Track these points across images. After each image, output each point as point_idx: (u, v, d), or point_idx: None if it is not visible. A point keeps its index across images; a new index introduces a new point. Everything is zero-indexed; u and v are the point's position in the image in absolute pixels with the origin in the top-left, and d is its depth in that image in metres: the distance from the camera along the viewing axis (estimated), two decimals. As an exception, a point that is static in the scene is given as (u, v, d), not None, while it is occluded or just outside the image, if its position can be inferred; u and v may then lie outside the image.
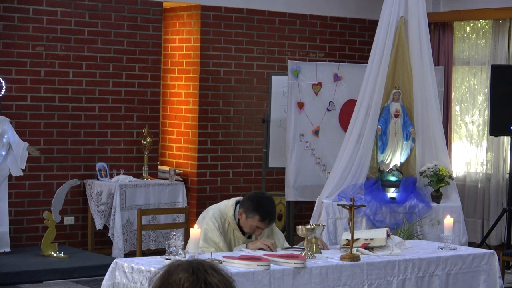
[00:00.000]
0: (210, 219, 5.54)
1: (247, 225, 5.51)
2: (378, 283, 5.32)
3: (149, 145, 9.99)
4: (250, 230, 5.53)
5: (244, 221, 5.52)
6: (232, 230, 5.60)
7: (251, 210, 5.45)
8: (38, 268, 8.43)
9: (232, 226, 5.58)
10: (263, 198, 5.58)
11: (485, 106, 10.73)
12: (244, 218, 5.50)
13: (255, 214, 5.44)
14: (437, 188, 7.84)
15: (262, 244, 5.37)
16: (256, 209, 5.45)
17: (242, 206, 5.53)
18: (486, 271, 5.81)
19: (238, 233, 5.59)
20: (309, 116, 9.58)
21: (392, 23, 7.97)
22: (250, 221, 5.47)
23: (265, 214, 5.46)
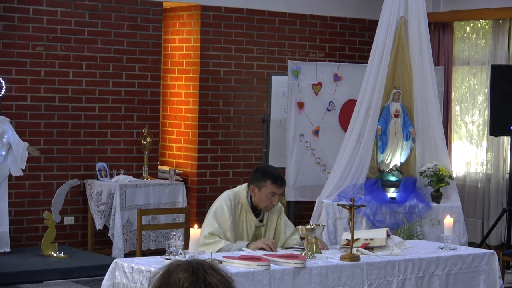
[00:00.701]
0: (223, 199, 5.62)
1: (263, 197, 5.56)
2: (378, 283, 5.32)
3: (149, 145, 9.99)
4: (267, 201, 5.57)
5: (258, 196, 5.57)
6: (245, 212, 5.64)
7: (260, 179, 5.55)
8: (38, 268, 8.42)
9: (245, 208, 5.63)
10: (267, 166, 5.88)
11: (485, 106, 10.73)
12: (257, 192, 5.57)
13: (266, 180, 5.54)
14: (437, 188, 7.84)
15: (262, 243, 5.37)
16: (266, 176, 5.56)
17: (251, 183, 5.61)
18: (486, 271, 5.81)
19: (250, 215, 5.64)
20: (309, 116, 9.58)
21: (392, 23, 7.97)
22: (264, 191, 5.54)
23: (275, 177, 5.59)
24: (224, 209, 5.57)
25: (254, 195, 5.60)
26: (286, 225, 5.82)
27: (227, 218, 5.56)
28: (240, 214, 5.64)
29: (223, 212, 5.57)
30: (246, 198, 5.63)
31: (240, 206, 5.64)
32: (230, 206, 5.58)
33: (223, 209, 5.57)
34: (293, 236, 5.81)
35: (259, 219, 5.69)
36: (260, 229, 5.70)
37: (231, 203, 5.60)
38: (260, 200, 5.59)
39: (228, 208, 5.57)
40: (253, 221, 5.65)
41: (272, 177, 5.57)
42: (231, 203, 5.60)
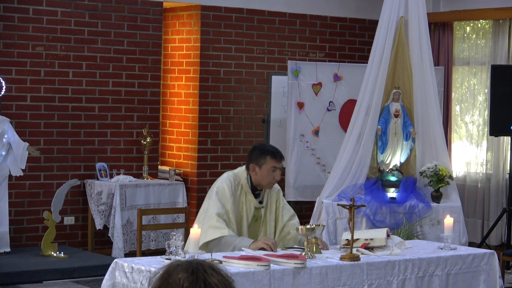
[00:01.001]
0: (224, 180, 5.63)
1: (264, 174, 5.59)
2: (378, 283, 5.32)
3: (149, 145, 9.99)
4: (269, 177, 5.59)
5: (260, 174, 5.60)
6: (245, 194, 5.66)
7: (259, 156, 5.60)
8: (38, 268, 8.42)
9: (245, 189, 5.65)
10: (263, 144, 5.84)
11: (485, 106, 10.73)
12: (258, 169, 5.60)
13: (266, 156, 5.60)
14: (437, 188, 7.84)
15: (263, 243, 5.37)
16: (264, 152, 5.62)
17: (251, 162, 5.64)
18: (486, 271, 5.81)
19: (250, 197, 5.66)
20: (309, 116, 9.59)
21: (392, 23, 7.97)
22: (265, 167, 5.58)
23: (274, 152, 5.66)
24: (225, 190, 5.58)
25: (255, 173, 5.62)
26: (285, 209, 5.84)
27: (228, 198, 5.56)
28: (240, 195, 5.65)
29: (224, 193, 5.57)
30: (246, 179, 5.65)
31: (240, 187, 5.66)
32: (231, 187, 5.60)
33: (224, 190, 5.58)
34: (291, 221, 5.82)
35: (259, 200, 5.71)
36: (259, 210, 5.71)
37: (231, 184, 5.61)
38: (262, 177, 5.62)
39: (229, 189, 5.58)
40: (252, 202, 5.67)
41: (271, 153, 5.64)
42: (231, 184, 5.61)
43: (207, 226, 5.48)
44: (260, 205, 5.71)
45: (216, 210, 5.51)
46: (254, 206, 5.68)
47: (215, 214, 5.49)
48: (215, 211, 5.51)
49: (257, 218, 5.71)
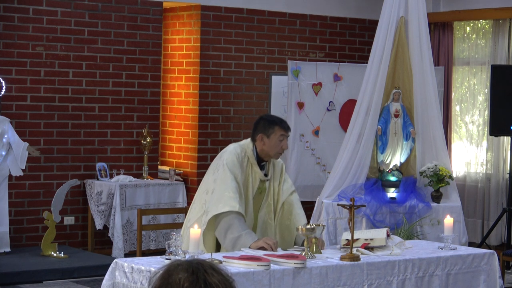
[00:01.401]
0: (231, 152, 5.61)
1: (272, 144, 5.60)
2: (378, 283, 5.32)
3: (149, 145, 9.99)
4: (277, 146, 5.60)
5: (268, 143, 5.60)
6: (251, 166, 5.65)
7: (267, 126, 5.62)
8: (38, 268, 8.42)
9: (251, 161, 5.64)
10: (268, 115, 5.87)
11: (485, 106, 10.73)
12: (266, 139, 5.60)
13: (274, 126, 5.61)
14: (437, 188, 7.84)
15: (263, 242, 5.37)
16: (272, 122, 5.64)
17: (259, 132, 5.63)
18: (486, 271, 5.81)
19: (256, 168, 5.65)
20: (309, 116, 9.59)
21: (392, 23, 7.97)
22: (274, 136, 5.59)
23: (281, 121, 5.70)
24: (235, 161, 5.56)
25: (264, 143, 5.62)
26: (286, 183, 5.85)
27: (238, 169, 5.55)
28: (247, 167, 5.65)
29: (234, 164, 5.55)
30: (252, 151, 5.65)
31: (247, 159, 5.65)
32: (239, 158, 5.59)
33: (234, 161, 5.56)
34: (290, 196, 5.84)
35: (264, 173, 5.71)
36: (264, 183, 5.70)
37: (239, 156, 5.60)
38: (270, 147, 5.62)
39: (238, 160, 5.58)
40: (258, 174, 5.66)
41: (279, 122, 5.67)
42: (239, 156, 5.60)
43: (220, 196, 5.43)
44: (265, 178, 5.70)
45: (231, 182, 5.48)
46: (260, 178, 5.67)
47: (231, 186, 5.45)
48: (230, 183, 5.48)
49: (262, 191, 5.70)
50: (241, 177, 5.57)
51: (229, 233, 5.41)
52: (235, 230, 5.40)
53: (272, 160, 5.77)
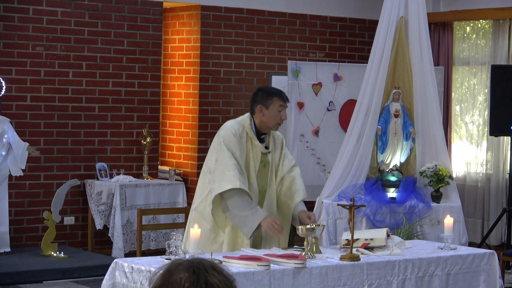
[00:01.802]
0: (228, 129, 5.61)
1: (272, 115, 5.61)
2: (378, 283, 5.32)
3: (149, 145, 9.99)
4: (276, 117, 5.61)
5: (267, 115, 5.61)
6: (250, 140, 5.65)
7: (266, 97, 5.63)
8: (38, 268, 8.43)
9: (250, 135, 5.64)
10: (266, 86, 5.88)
11: (485, 106, 10.73)
12: (265, 110, 5.61)
13: (273, 97, 5.63)
14: (437, 188, 7.84)
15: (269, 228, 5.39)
16: (270, 93, 5.67)
17: (257, 103, 5.64)
18: (486, 271, 5.81)
19: (256, 142, 5.65)
20: (309, 116, 9.59)
21: (392, 23, 7.97)
22: (272, 107, 5.60)
23: (279, 92, 5.73)
24: (232, 137, 5.56)
25: (263, 115, 5.62)
26: (286, 158, 5.85)
27: (235, 145, 5.55)
28: (246, 142, 5.64)
29: (231, 140, 5.55)
30: (249, 125, 5.65)
31: (245, 134, 5.65)
32: (236, 134, 5.59)
33: (231, 137, 5.56)
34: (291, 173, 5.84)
35: (265, 145, 5.71)
36: (266, 156, 5.69)
37: (236, 131, 5.59)
38: (269, 118, 5.63)
39: (235, 136, 5.57)
40: (259, 148, 5.66)
41: (277, 93, 5.69)
42: (236, 131, 5.59)
43: (221, 175, 5.45)
44: (266, 150, 5.69)
45: (229, 159, 5.49)
46: (261, 151, 5.66)
47: (230, 164, 5.46)
48: (229, 160, 5.49)
49: (265, 164, 5.70)
50: (240, 152, 5.56)
51: (236, 212, 5.44)
52: (241, 209, 5.43)
53: (272, 133, 5.78)
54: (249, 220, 5.40)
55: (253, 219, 5.41)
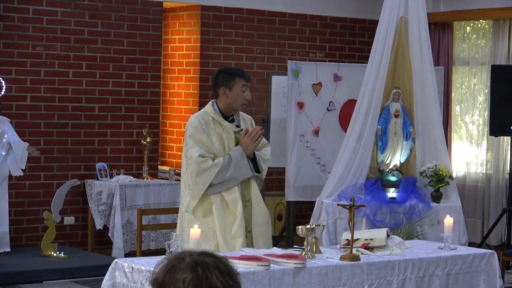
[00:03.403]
0: (192, 122, 5.68)
1: (235, 95, 5.65)
2: (378, 283, 5.32)
3: (149, 145, 9.99)
4: (240, 97, 5.66)
5: (231, 96, 5.65)
6: (219, 124, 5.70)
7: (228, 78, 5.67)
8: (38, 268, 8.43)
9: (217, 119, 5.70)
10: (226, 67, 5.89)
11: (485, 106, 10.73)
12: (229, 92, 5.65)
13: (235, 77, 5.67)
14: (437, 188, 7.84)
15: (246, 139, 5.57)
16: (232, 74, 5.71)
17: (220, 85, 5.68)
18: (486, 271, 5.81)
19: (225, 123, 5.70)
20: (309, 116, 9.58)
21: (392, 23, 7.96)
22: (235, 88, 5.65)
23: (240, 71, 5.76)
24: (196, 128, 5.63)
25: (227, 97, 5.66)
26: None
27: (201, 133, 5.62)
28: (215, 126, 5.70)
29: (196, 131, 5.62)
30: (213, 110, 5.70)
31: (212, 119, 5.70)
32: (201, 123, 5.64)
33: (195, 128, 5.63)
34: (262, 149, 5.88)
35: (236, 124, 5.76)
36: (239, 134, 5.76)
37: (200, 121, 5.65)
38: (234, 99, 5.67)
39: (200, 125, 5.63)
40: (230, 128, 5.73)
41: (238, 73, 5.72)
42: (200, 121, 5.65)
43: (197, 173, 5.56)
44: (238, 129, 5.75)
45: (197, 153, 5.59)
46: (233, 130, 5.73)
47: (197, 156, 5.57)
48: (196, 153, 5.59)
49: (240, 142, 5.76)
50: (209, 137, 5.63)
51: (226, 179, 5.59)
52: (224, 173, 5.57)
53: (241, 114, 5.83)
54: (234, 164, 5.58)
55: (236, 159, 5.59)
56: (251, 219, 5.75)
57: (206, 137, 5.61)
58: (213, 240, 5.61)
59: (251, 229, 5.74)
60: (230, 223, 5.63)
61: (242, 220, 5.63)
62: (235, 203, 5.63)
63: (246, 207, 5.74)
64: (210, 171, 5.57)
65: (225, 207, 5.65)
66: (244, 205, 5.72)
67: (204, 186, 5.58)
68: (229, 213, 5.65)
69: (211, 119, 5.68)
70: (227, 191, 5.64)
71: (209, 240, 5.61)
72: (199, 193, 5.60)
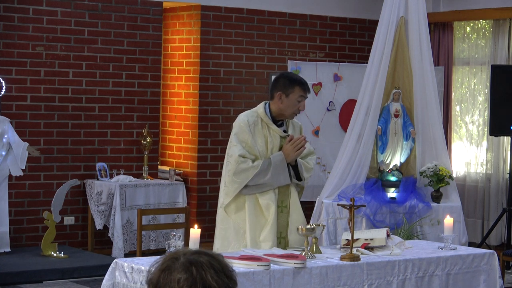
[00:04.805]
0: (240, 121, 5.59)
1: (291, 103, 5.56)
2: (378, 283, 5.32)
3: (149, 145, 9.99)
4: (294, 106, 5.57)
5: (286, 103, 5.55)
6: (267, 126, 5.61)
7: (288, 85, 5.56)
8: (38, 268, 8.42)
9: (265, 121, 5.60)
10: (290, 73, 5.97)
11: (485, 106, 10.73)
12: (285, 98, 5.55)
13: (295, 86, 5.55)
14: (437, 188, 7.84)
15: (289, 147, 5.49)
16: (293, 81, 5.58)
17: (278, 90, 5.58)
18: (486, 271, 5.81)
19: (273, 127, 5.61)
20: (309, 116, 9.59)
21: (392, 23, 7.97)
22: (292, 96, 5.54)
23: (303, 81, 5.63)
24: (243, 127, 5.53)
25: (281, 102, 5.56)
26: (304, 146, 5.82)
27: (247, 134, 5.52)
28: (262, 128, 5.60)
29: (242, 131, 5.52)
30: (264, 112, 5.60)
31: (260, 121, 5.60)
32: (248, 124, 5.54)
33: (241, 128, 5.53)
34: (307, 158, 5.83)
35: (283, 129, 5.67)
36: (285, 139, 5.66)
37: (248, 121, 5.56)
38: (287, 106, 5.57)
39: (247, 125, 5.53)
40: (277, 132, 5.62)
41: (300, 82, 5.60)
42: (248, 121, 5.56)
43: (232, 172, 5.50)
44: (285, 134, 5.65)
45: (238, 152, 5.50)
46: (279, 135, 5.63)
47: (237, 156, 5.48)
48: (238, 152, 5.50)
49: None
50: (255, 139, 5.54)
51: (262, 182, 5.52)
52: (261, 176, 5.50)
53: (291, 120, 5.75)
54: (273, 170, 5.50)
55: (276, 164, 5.51)
56: (287, 226, 5.68)
57: (250, 137, 5.53)
58: (243, 240, 5.58)
59: (286, 235, 5.67)
60: (260, 226, 5.57)
61: (273, 225, 5.55)
62: (268, 208, 5.55)
63: (283, 213, 5.66)
64: (248, 172, 5.48)
65: (258, 209, 5.57)
66: (281, 210, 5.64)
67: (240, 186, 5.50)
68: (261, 216, 5.58)
69: (259, 120, 5.60)
70: (261, 195, 5.57)
71: (239, 239, 5.57)
72: (234, 192, 5.52)
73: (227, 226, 5.61)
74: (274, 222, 5.55)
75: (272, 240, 5.53)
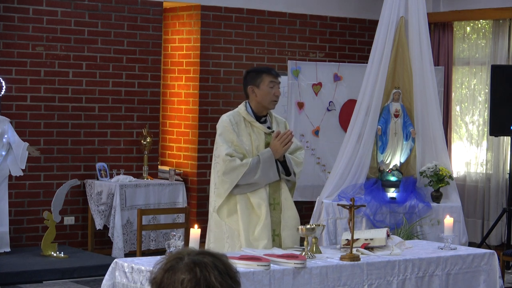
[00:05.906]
0: (223, 121, 5.63)
1: (264, 92, 5.61)
2: (378, 283, 5.32)
3: (149, 145, 9.99)
4: (269, 94, 5.60)
5: (260, 94, 5.61)
6: (250, 124, 5.64)
7: (255, 76, 5.65)
8: (38, 268, 8.43)
9: (248, 119, 5.64)
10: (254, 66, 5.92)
11: (485, 106, 10.73)
12: (257, 90, 5.61)
13: (261, 74, 5.64)
14: (437, 188, 7.84)
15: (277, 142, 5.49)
16: (259, 72, 5.69)
17: (248, 84, 5.66)
18: (486, 271, 5.81)
19: (256, 124, 5.64)
20: (309, 116, 9.59)
21: (392, 23, 7.97)
22: (263, 86, 5.61)
23: (268, 68, 5.74)
24: (226, 127, 5.56)
25: (255, 95, 5.62)
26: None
27: (232, 133, 5.55)
28: (246, 127, 5.63)
29: (226, 130, 5.55)
30: (246, 111, 5.65)
31: (243, 120, 5.64)
32: (231, 123, 5.58)
33: (225, 128, 5.56)
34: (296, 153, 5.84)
35: (267, 126, 5.69)
36: (270, 136, 5.67)
37: (231, 120, 5.60)
38: (262, 96, 5.62)
39: (230, 125, 5.57)
40: (261, 129, 5.65)
41: (265, 70, 5.70)
42: (231, 120, 5.60)
43: (221, 172, 5.51)
44: (269, 130, 5.67)
45: (224, 151, 5.51)
46: (264, 132, 5.65)
47: (224, 155, 5.50)
48: (224, 152, 5.51)
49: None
50: (240, 137, 5.57)
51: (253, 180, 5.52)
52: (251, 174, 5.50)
53: (275, 117, 5.77)
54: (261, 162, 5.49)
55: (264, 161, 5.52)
56: (280, 222, 5.68)
57: (235, 136, 5.54)
58: (237, 241, 5.58)
59: (279, 232, 5.67)
60: (253, 225, 5.57)
61: (266, 223, 5.56)
62: (260, 206, 5.55)
63: (275, 210, 5.65)
64: (238, 170, 5.49)
65: (250, 208, 5.57)
66: (273, 207, 5.65)
67: (231, 186, 5.50)
68: (253, 215, 5.57)
69: (242, 119, 5.63)
70: (253, 194, 5.57)
71: (234, 241, 5.58)
72: (225, 193, 5.52)
73: (221, 230, 5.61)
74: (267, 219, 5.56)
75: (267, 238, 5.53)
